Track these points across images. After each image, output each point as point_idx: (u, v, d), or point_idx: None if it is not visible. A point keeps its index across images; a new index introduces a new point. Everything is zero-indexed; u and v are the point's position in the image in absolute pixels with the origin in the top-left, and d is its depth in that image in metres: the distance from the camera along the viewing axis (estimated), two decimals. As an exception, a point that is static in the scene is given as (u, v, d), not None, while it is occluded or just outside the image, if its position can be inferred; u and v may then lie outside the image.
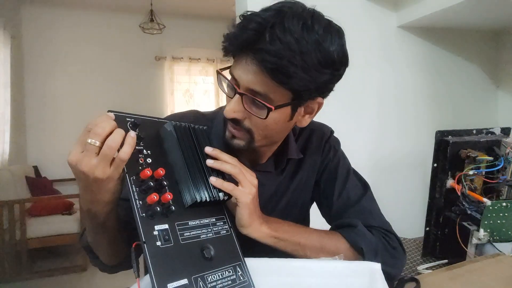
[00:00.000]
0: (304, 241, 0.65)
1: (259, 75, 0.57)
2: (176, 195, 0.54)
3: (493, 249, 0.86)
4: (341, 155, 0.83)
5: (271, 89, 0.58)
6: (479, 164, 0.91)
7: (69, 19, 4.14)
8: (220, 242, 0.56)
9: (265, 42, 0.54)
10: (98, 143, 0.47)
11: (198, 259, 0.51)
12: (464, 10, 1.88)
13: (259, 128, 0.63)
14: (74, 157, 0.48)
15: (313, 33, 0.55)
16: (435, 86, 2.31)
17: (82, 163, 0.47)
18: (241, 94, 0.59)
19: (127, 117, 0.53)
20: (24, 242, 2.75)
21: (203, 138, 0.63)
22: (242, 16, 0.58)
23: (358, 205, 0.75)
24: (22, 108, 3.90)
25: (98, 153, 0.47)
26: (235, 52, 0.60)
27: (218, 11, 4.29)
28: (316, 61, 0.55)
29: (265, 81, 0.57)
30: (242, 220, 0.59)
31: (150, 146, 0.55)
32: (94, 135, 0.47)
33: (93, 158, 0.47)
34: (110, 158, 0.48)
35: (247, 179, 0.60)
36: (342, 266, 0.59)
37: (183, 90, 4.71)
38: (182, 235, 0.51)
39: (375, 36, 2.12)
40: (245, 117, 0.62)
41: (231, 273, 0.53)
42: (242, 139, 0.65)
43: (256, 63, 0.56)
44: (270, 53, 0.53)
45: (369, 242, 0.68)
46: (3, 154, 3.21)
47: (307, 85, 0.57)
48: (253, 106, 0.60)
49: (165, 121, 0.60)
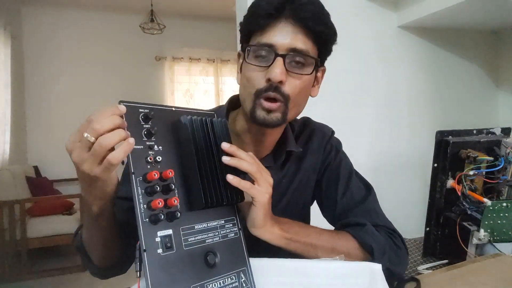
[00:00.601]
0: (316, 242, 0.65)
1: (298, 32, 0.63)
2: (184, 196, 0.51)
3: (494, 250, 0.86)
4: (343, 156, 0.83)
5: (309, 44, 0.64)
6: (480, 164, 0.91)
7: (70, 19, 4.14)
8: (227, 246, 0.54)
9: (297, 3, 0.62)
10: (93, 139, 0.45)
11: (200, 267, 0.49)
12: (464, 10, 1.88)
13: (296, 92, 0.65)
14: (69, 145, 0.47)
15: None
16: (436, 86, 2.31)
17: (74, 153, 0.46)
18: (283, 56, 0.62)
19: (140, 108, 0.50)
20: (24, 242, 2.75)
21: (222, 132, 0.59)
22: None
23: (363, 205, 0.75)
24: (22, 108, 3.91)
25: (90, 148, 0.46)
26: (269, 17, 0.63)
27: (218, 11, 4.29)
28: (329, 17, 0.65)
29: (304, 37, 0.63)
30: (257, 221, 0.58)
31: (162, 141, 0.51)
32: (91, 130, 0.45)
33: (84, 152, 0.46)
34: (99, 157, 0.45)
35: (263, 177, 0.58)
36: (342, 266, 0.58)
37: (183, 90, 4.72)
38: (186, 241, 0.49)
39: (375, 36, 2.12)
40: (285, 81, 0.64)
41: (233, 280, 0.52)
42: (278, 111, 0.65)
43: (294, 20, 0.62)
44: (305, 2, 0.62)
45: (378, 241, 0.68)
46: (4, 154, 3.22)
47: (328, 39, 0.66)
48: (294, 66, 0.64)
49: (182, 111, 0.56)
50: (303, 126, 0.84)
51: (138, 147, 0.48)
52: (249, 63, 0.65)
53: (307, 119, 0.86)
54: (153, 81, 4.55)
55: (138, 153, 0.48)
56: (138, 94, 4.34)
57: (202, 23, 4.62)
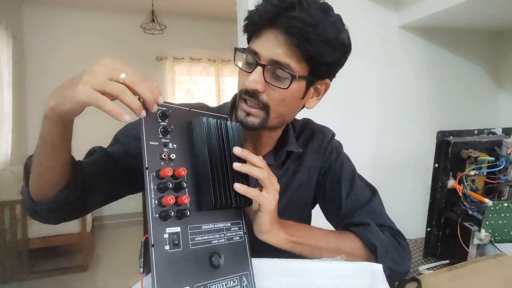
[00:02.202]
0: (321, 244, 0.65)
1: (284, 45, 0.61)
2: (195, 196, 0.52)
3: (495, 250, 0.86)
4: (345, 157, 0.83)
5: (294, 60, 0.62)
6: (481, 165, 0.91)
7: (71, 19, 4.15)
8: (231, 249, 0.54)
9: (293, 12, 0.59)
10: (123, 78, 0.47)
11: (205, 267, 0.50)
12: (465, 10, 1.88)
13: (275, 103, 0.65)
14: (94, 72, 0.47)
15: (329, 16, 0.63)
16: (436, 86, 2.30)
17: (93, 77, 0.46)
18: (263, 66, 0.62)
19: (158, 106, 0.52)
20: (26, 242, 2.75)
21: (235, 135, 0.60)
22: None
23: (368, 206, 0.75)
24: (24, 108, 3.91)
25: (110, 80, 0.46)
26: (261, 25, 0.63)
27: (219, 11, 4.29)
28: (332, 36, 0.62)
29: (289, 52, 0.61)
30: (263, 226, 0.58)
31: (177, 140, 0.53)
32: (131, 75, 0.48)
33: (103, 83, 0.46)
34: (121, 93, 0.46)
35: (272, 184, 0.59)
36: (343, 267, 0.58)
37: (184, 91, 4.72)
38: (193, 240, 0.50)
39: (376, 36, 2.12)
40: (264, 91, 0.64)
41: (236, 283, 0.52)
42: (257, 116, 0.66)
43: (282, 34, 0.60)
44: (298, 20, 0.59)
45: (382, 240, 0.68)
46: (5, 154, 3.22)
47: (323, 58, 0.63)
48: (273, 78, 0.63)
49: (197, 112, 0.58)
50: (303, 127, 0.84)
51: (154, 143, 0.50)
52: (236, 65, 0.69)
53: (307, 120, 0.87)
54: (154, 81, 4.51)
55: (153, 149, 0.49)
56: (139, 94, 4.34)
57: (203, 23, 4.62)
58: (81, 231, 2.92)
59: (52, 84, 3.19)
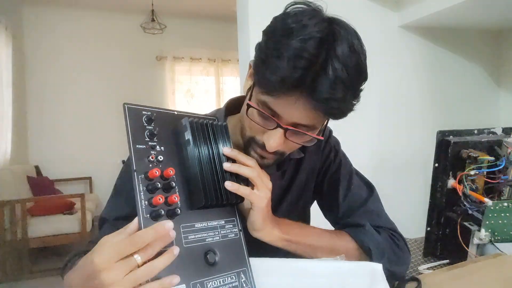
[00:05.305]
0: (315, 243, 0.65)
1: (310, 110, 0.54)
2: (185, 195, 0.53)
3: (495, 250, 0.86)
4: (342, 156, 0.83)
5: (319, 121, 0.58)
6: (481, 164, 0.91)
7: (71, 19, 4.15)
8: (227, 246, 0.54)
9: (319, 82, 0.50)
10: (140, 260, 0.43)
11: (200, 264, 0.50)
12: (465, 10, 1.88)
13: (292, 149, 0.65)
14: (102, 260, 0.42)
15: (357, 54, 0.54)
16: (437, 86, 2.31)
17: (111, 272, 0.41)
18: (285, 129, 0.56)
19: (143, 110, 0.52)
20: (25, 241, 2.75)
21: (222, 135, 0.60)
22: (284, 43, 0.51)
23: (365, 206, 0.75)
24: (23, 108, 3.92)
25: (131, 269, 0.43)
26: (283, 88, 0.52)
27: (219, 11, 4.29)
28: (359, 85, 0.56)
29: (315, 115, 0.55)
30: (256, 224, 0.59)
31: (164, 142, 0.53)
32: (144, 253, 0.43)
33: (124, 273, 0.42)
34: (141, 280, 0.43)
35: (263, 182, 0.58)
36: (343, 266, 0.58)
37: (184, 90, 4.72)
38: (186, 238, 0.50)
39: (376, 36, 2.12)
40: (281, 146, 0.60)
41: (233, 280, 0.52)
42: (271, 160, 0.64)
43: (308, 100, 0.52)
44: (326, 94, 0.51)
45: (377, 242, 0.68)
46: (5, 154, 3.22)
47: (343, 114, 0.57)
48: (293, 134, 0.58)
49: (182, 115, 0.58)
50: None
51: (141, 147, 0.50)
52: (250, 117, 0.60)
53: None
54: (154, 81, 4.55)
55: (140, 152, 0.50)
56: (139, 94, 4.35)
57: (203, 23, 4.62)
58: (81, 230, 2.92)
59: (52, 84, 3.20)
